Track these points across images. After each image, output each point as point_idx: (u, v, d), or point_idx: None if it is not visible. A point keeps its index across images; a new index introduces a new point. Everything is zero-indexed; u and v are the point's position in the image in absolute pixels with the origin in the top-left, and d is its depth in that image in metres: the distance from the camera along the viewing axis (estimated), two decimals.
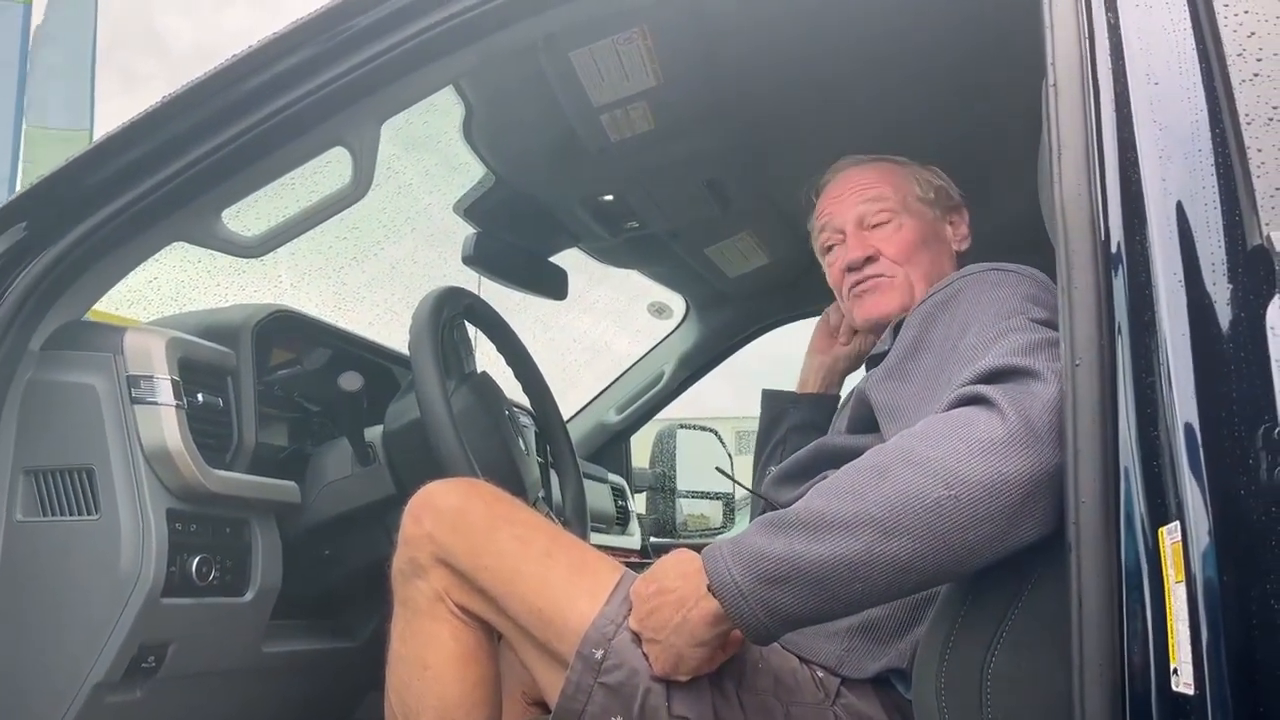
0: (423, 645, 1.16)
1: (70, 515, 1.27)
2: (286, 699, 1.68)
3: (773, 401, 1.77)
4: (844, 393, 1.79)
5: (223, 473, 1.37)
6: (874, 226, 1.46)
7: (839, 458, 1.24)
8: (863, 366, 1.53)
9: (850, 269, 1.45)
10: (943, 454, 0.92)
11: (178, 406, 1.31)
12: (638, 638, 1.05)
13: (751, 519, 1.77)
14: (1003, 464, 0.90)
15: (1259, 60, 0.81)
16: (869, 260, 1.44)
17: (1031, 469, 0.89)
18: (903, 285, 1.43)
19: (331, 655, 1.69)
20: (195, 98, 1.26)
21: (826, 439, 1.36)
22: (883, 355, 1.28)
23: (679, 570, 1.04)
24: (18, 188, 4.97)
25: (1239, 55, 0.81)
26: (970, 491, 0.89)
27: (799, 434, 1.71)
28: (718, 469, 1.80)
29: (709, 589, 0.99)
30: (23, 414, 1.29)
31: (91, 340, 1.32)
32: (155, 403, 1.29)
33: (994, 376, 0.98)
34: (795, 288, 2.51)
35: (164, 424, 1.29)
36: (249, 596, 1.42)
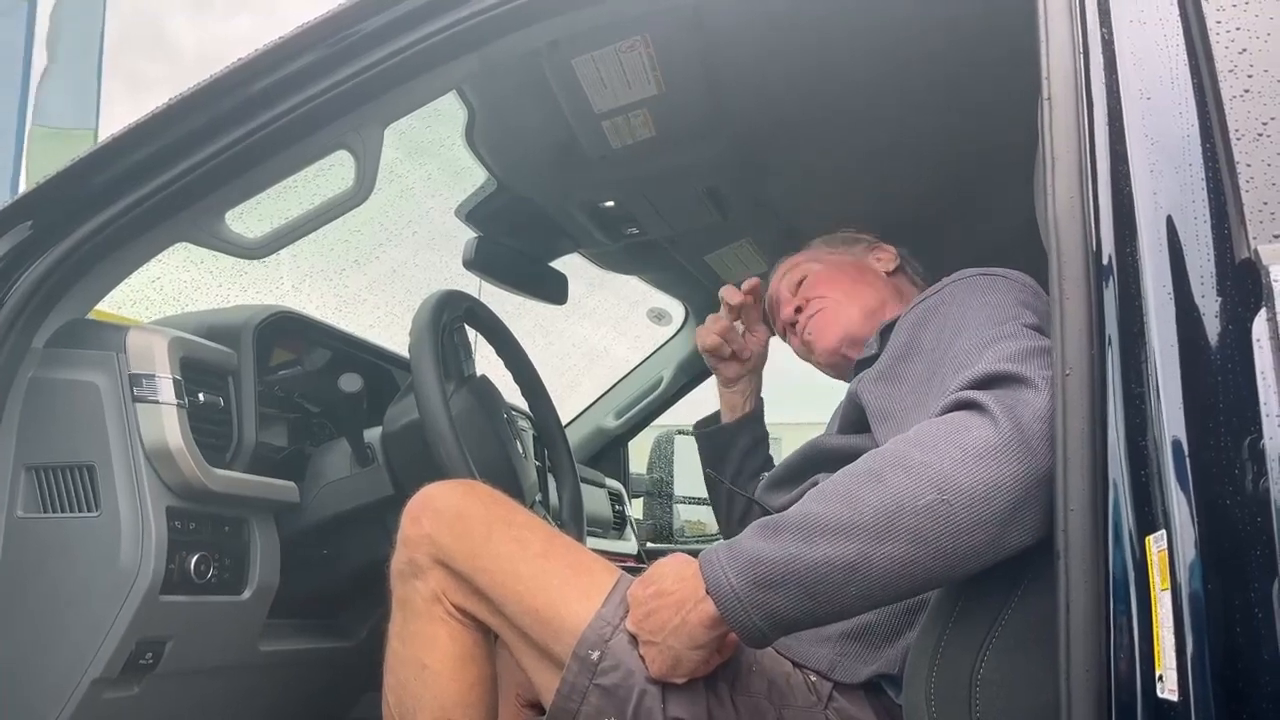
0: (421, 646, 1.16)
1: (71, 512, 1.28)
2: (283, 698, 1.69)
3: (711, 440, 1.79)
4: (826, 400, 1.82)
5: (222, 471, 1.38)
6: (796, 286, 1.62)
7: (830, 459, 1.25)
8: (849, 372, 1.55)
9: (791, 326, 1.61)
10: (936, 459, 0.93)
11: (179, 405, 1.32)
12: (634, 639, 1.06)
13: (726, 527, 1.80)
14: (995, 471, 0.90)
15: (1250, 77, 0.82)
16: (799, 310, 1.59)
17: (1023, 476, 0.90)
18: (833, 306, 1.55)
19: (328, 655, 1.70)
20: (201, 100, 1.27)
21: (818, 440, 1.37)
22: (871, 359, 1.30)
23: (677, 573, 1.05)
24: (21, 186, 4.98)
25: (1230, 71, 0.82)
26: (962, 497, 0.90)
27: (751, 456, 1.75)
28: (709, 472, 1.80)
29: (706, 592, 1.00)
30: (25, 411, 1.29)
31: (94, 339, 1.33)
32: (157, 401, 1.30)
33: (987, 382, 0.98)
34: None
35: (165, 422, 1.30)
36: (247, 595, 1.42)
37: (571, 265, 2.34)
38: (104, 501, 1.27)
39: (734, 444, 1.75)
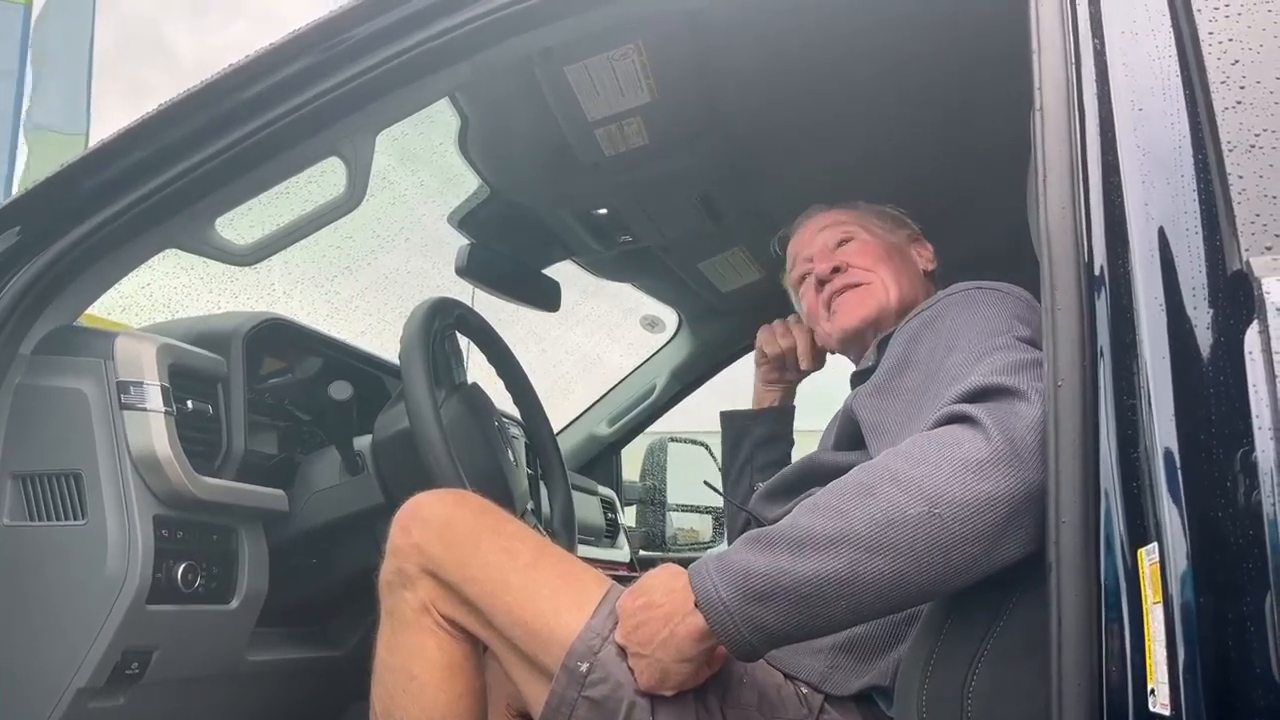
0: (409, 656, 1.16)
1: (57, 520, 1.27)
2: (271, 707, 1.68)
3: (732, 422, 1.81)
4: (822, 411, 1.83)
5: (211, 479, 1.37)
6: (838, 245, 1.54)
7: (826, 474, 1.24)
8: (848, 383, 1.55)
9: (821, 283, 1.52)
10: (927, 473, 0.92)
11: (167, 413, 1.31)
12: (623, 651, 1.05)
13: (730, 535, 1.80)
14: (987, 484, 0.90)
15: (1242, 88, 0.82)
16: (836, 270, 1.51)
17: (1015, 489, 0.90)
18: (878, 288, 1.48)
19: (316, 664, 1.69)
20: (192, 106, 1.26)
21: (814, 455, 1.37)
22: (868, 371, 1.29)
23: (666, 585, 1.04)
24: (14, 191, 4.96)
25: (1223, 82, 0.82)
26: (954, 511, 0.90)
27: (764, 448, 1.75)
28: (706, 483, 1.80)
29: (695, 605, 0.99)
30: (12, 418, 1.29)
31: (82, 345, 1.32)
32: (145, 409, 1.29)
33: (979, 395, 0.98)
34: (788, 303, 2.51)
35: (153, 430, 1.29)
36: (234, 604, 1.41)
37: (564, 272, 2.34)
38: (91, 510, 1.26)
39: (751, 431, 1.77)
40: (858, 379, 1.34)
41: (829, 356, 1.76)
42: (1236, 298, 0.74)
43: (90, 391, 1.28)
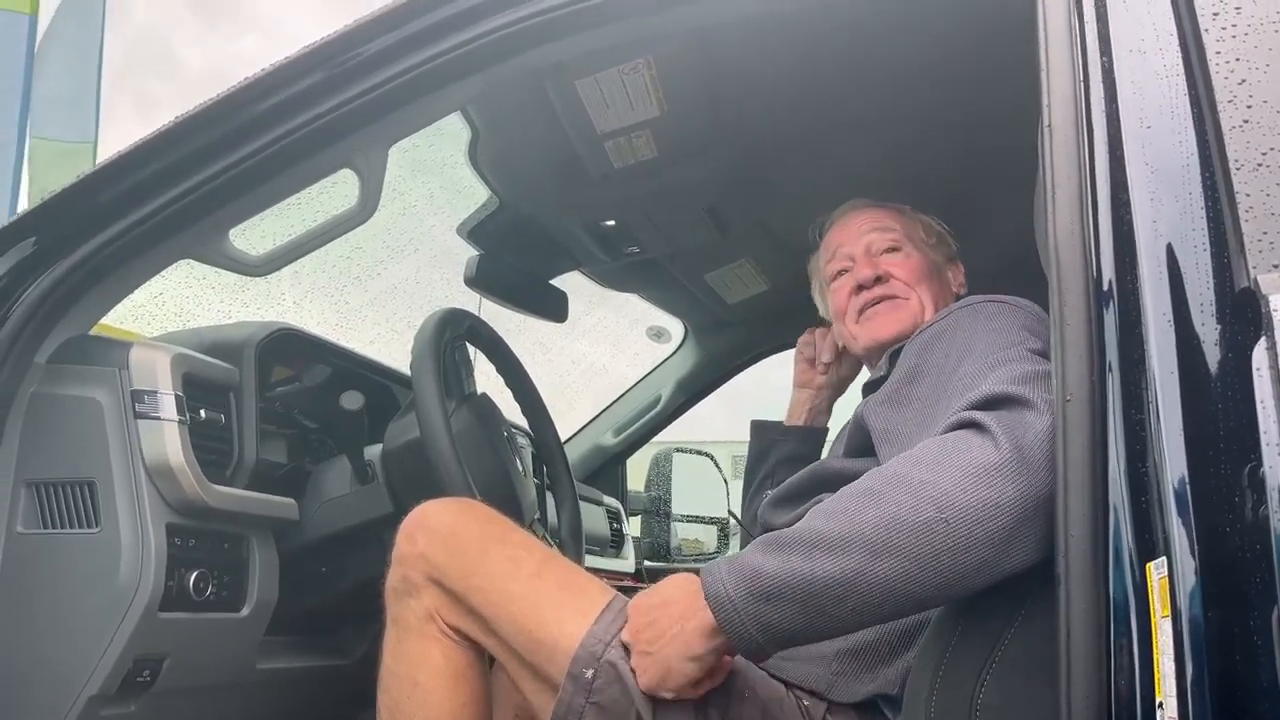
0: (414, 664, 1.16)
1: (71, 528, 1.28)
2: (279, 715, 1.68)
3: (762, 433, 1.81)
4: (834, 420, 1.83)
5: (223, 488, 1.38)
6: (883, 252, 1.52)
7: (835, 481, 1.25)
8: (859, 393, 1.55)
9: (861, 287, 1.50)
10: (935, 478, 0.93)
11: (180, 422, 1.32)
12: (628, 655, 1.06)
13: (742, 545, 1.80)
14: (994, 490, 0.91)
15: (1249, 107, 0.83)
16: (879, 280, 1.49)
17: (1022, 496, 0.91)
18: (915, 307, 1.47)
19: (325, 672, 1.69)
20: (207, 119, 1.27)
21: (823, 462, 1.38)
22: (880, 381, 1.30)
23: (682, 587, 1.05)
24: (22, 199, 4.97)
25: (1230, 101, 0.83)
26: (961, 515, 0.91)
27: (787, 465, 1.74)
28: (730, 515, 1.82)
29: (705, 601, 1.00)
30: (26, 426, 1.29)
31: (97, 355, 1.33)
32: (158, 418, 1.30)
33: (989, 404, 0.99)
34: (794, 315, 2.52)
35: (166, 439, 1.30)
36: (245, 612, 1.42)
37: (572, 283, 2.35)
38: (104, 518, 1.27)
39: (776, 446, 1.77)
40: (869, 388, 1.34)
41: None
42: (1244, 314, 0.75)
43: (105, 400, 1.29)
